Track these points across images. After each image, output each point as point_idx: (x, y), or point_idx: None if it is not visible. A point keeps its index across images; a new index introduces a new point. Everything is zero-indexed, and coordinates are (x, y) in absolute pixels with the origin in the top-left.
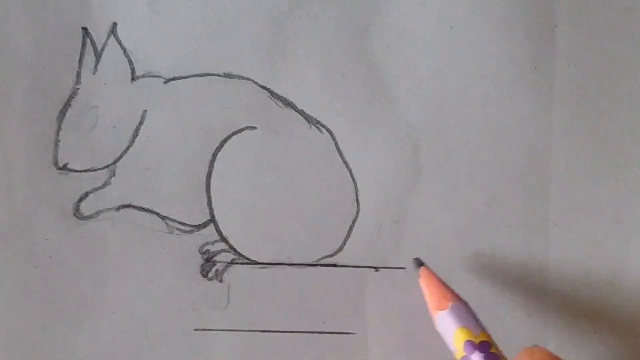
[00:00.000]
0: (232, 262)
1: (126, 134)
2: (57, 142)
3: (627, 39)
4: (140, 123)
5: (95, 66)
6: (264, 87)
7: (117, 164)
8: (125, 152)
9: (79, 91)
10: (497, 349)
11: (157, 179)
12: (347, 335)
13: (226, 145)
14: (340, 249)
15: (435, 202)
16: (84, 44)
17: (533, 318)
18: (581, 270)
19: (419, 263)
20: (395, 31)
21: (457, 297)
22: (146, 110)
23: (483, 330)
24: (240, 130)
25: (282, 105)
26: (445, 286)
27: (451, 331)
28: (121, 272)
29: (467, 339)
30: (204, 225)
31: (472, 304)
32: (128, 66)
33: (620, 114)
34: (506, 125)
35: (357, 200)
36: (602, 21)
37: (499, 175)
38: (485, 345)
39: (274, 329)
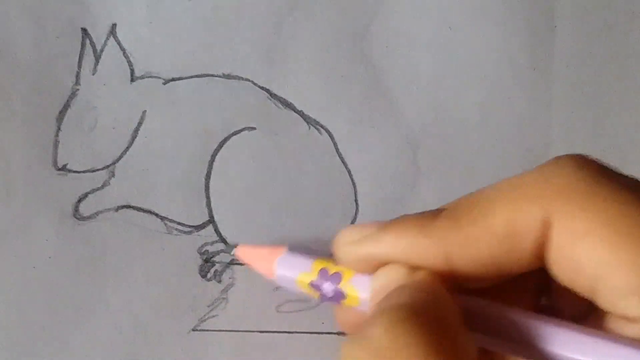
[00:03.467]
0: (231, 263)
1: (125, 135)
2: (56, 143)
3: (626, 39)
4: (140, 124)
5: (95, 67)
6: (263, 88)
7: (117, 165)
8: (124, 152)
9: (78, 92)
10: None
11: (156, 180)
12: (345, 336)
13: (225, 146)
14: None
15: (434, 203)
16: (83, 45)
17: None
18: None
19: (230, 248)
20: (394, 32)
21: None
22: (145, 111)
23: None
24: (239, 131)
25: (281, 106)
26: (270, 247)
27: (296, 272)
28: (120, 273)
29: (323, 266)
30: (202, 225)
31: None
32: (127, 67)
33: (620, 114)
34: (505, 126)
35: (356, 200)
36: (601, 22)
37: (498, 175)
38: (337, 276)
39: (273, 329)
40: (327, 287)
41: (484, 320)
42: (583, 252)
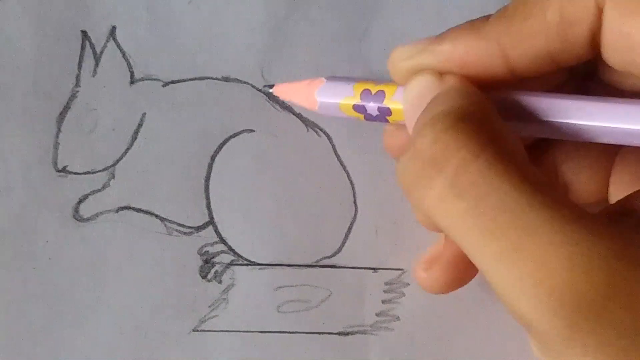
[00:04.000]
0: (231, 264)
1: (125, 137)
2: (56, 145)
3: None
4: (140, 126)
5: (95, 69)
6: (261, 91)
7: (117, 166)
8: (124, 154)
9: (78, 94)
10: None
11: (156, 181)
12: (346, 335)
13: (225, 148)
14: (339, 250)
15: None
16: (83, 48)
17: None
18: None
19: (269, 89)
20: (392, 34)
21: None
22: (145, 113)
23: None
24: (238, 133)
25: (280, 109)
26: (307, 80)
27: (339, 98)
28: (121, 274)
29: (365, 88)
30: (203, 226)
31: (469, 304)
32: (127, 69)
33: None
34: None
35: (354, 202)
36: None
37: None
38: (381, 94)
39: (274, 330)
40: (372, 106)
41: (517, 110)
42: (636, 29)
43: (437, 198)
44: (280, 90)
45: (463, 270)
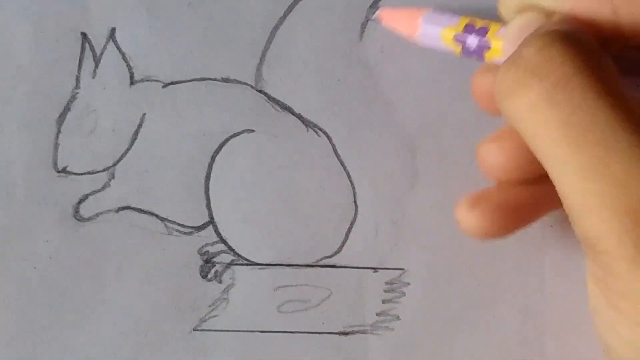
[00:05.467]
0: (231, 263)
1: (125, 137)
2: (56, 146)
3: None
4: (139, 126)
5: (94, 70)
6: (260, 92)
7: (117, 167)
8: (124, 155)
9: (78, 95)
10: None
11: (156, 182)
12: (347, 335)
13: (225, 148)
14: (339, 250)
15: (432, 204)
16: (83, 49)
17: (530, 317)
18: (578, 270)
19: (373, 16)
20: (390, 36)
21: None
22: (145, 114)
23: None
24: (238, 134)
25: (279, 109)
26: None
27: (439, 28)
28: (121, 274)
29: (469, 21)
30: (203, 226)
31: (469, 304)
32: (127, 71)
33: None
34: (502, 127)
35: (355, 202)
36: None
37: None
38: (484, 29)
39: (274, 329)
40: (472, 39)
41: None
42: None
43: (530, 105)
44: (384, 15)
45: (512, 217)
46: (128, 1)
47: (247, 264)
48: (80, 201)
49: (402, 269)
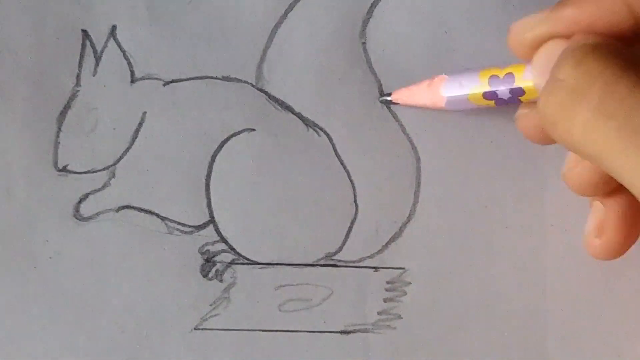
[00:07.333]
0: (232, 263)
1: (126, 136)
2: (57, 144)
3: None
4: (140, 125)
5: (95, 68)
6: (261, 90)
7: (117, 166)
8: (124, 153)
9: (78, 93)
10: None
11: (157, 180)
12: (347, 334)
13: (225, 147)
14: (340, 249)
15: (433, 204)
16: (83, 47)
17: (530, 317)
18: (578, 270)
19: (387, 98)
20: (390, 35)
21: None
22: (146, 112)
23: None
24: (239, 132)
25: (280, 108)
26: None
27: (464, 94)
28: (121, 273)
29: (491, 74)
30: (203, 226)
31: (468, 304)
32: (127, 68)
33: None
34: (502, 127)
35: (355, 201)
36: None
37: (495, 176)
38: (510, 76)
39: (275, 329)
40: (502, 92)
41: None
42: None
43: (584, 125)
44: (400, 96)
45: (633, 227)
46: None
47: (247, 263)
48: (81, 200)
49: (403, 269)
